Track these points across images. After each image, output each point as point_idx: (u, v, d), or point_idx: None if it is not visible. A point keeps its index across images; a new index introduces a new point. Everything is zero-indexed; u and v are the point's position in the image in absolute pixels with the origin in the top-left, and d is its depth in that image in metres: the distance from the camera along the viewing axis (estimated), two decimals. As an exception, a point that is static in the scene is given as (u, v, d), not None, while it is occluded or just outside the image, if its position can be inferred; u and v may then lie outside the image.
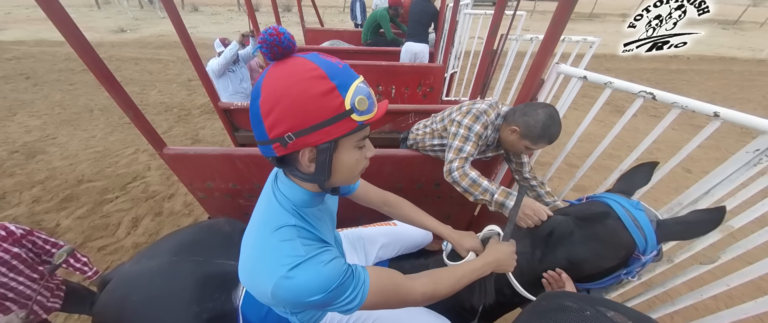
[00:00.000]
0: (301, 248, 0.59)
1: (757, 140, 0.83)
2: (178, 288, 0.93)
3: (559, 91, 1.46)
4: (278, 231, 0.60)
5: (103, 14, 10.77)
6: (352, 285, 0.61)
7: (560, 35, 1.10)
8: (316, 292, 0.57)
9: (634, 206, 0.82)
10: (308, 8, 5.42)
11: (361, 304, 0.63)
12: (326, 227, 0.74)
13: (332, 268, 0.59)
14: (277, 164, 0.61)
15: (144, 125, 1.31)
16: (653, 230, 0.79)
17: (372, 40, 4.04)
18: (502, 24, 1.65)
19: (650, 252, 0.80)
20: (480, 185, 1.12)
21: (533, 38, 2.05)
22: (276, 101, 0.52)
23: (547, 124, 1.08)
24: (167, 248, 1.05)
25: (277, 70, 0.53)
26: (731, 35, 11.38)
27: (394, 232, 1.23)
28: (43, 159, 3.14)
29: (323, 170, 0.58)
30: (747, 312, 0.86)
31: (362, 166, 0.65)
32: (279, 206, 0.64)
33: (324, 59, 0.54)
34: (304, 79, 0.51)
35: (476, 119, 1.20)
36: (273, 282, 0.56)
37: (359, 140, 0.60)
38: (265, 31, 0.52)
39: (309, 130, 0.53)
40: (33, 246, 1.21)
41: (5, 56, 6.03)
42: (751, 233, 0.84)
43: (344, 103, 0.53)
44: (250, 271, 0.63)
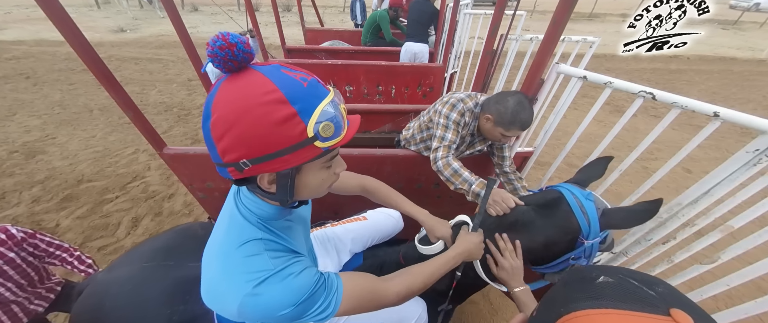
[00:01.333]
0: (269, 261, 0.56)
1: (756, 140, 0.83)
2: (148, 293, 0.93)
3: (559, 91, 1.46)
4: (243, 247, 0.56)
5: (102, 14, 10.77)
6: (324, 294, 0.59)
7: (560, 35, 1.10)
8: (286, 306, 0.54)
9: (585, 196, 0.90)
10: (308, 8, 5.42)
11: (334, 312, 0.61)
12: (298, 235, 0.71)
13: (303, 279, 0.57)
14: (236, 183, 0.57)
15: (144, 124, 1.31)
16: (597, 218, 0.86)
17: (372, 41, 4.03)
18: (502, 24, 1.65)
19: (593, 238, 0.87)
20: (461, 176, 1.19)
21: (533, 38, 2.05)
22: (228, 127, 0.46)
23: (517, 110, 1.14)
24: (139, 255, 1.04)
25: (230, 88, 0.47)
26: (731, 35, 11.37)
27: (363, 226, 1.21)
28: (42, 159, 3.14)
29: (285, 192, 0.55)
30: (747, 312, 0.86)
31: (330, 182, 0.62)
32: (243, 220, 0.59)
33: (286, 76, 0.48)
34: (260, 103, 0.45)
35: (452, 108, 1.26)
36: (239, 301, 0.52)
37: (326, 161, 0.57)
38: (213, 41, 0.46)
39: (265, 158, 0.48)
40: (35, 249, 1.19)
41: (5, 56, 6.03)
42: (751, 233, 0.84)
43: (307, 130, 0.48)
44: (213, 290, 0.58)
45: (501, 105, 1.17)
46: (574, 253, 0.90)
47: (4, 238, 1.10)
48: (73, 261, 1.29)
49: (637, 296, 0.36)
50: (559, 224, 0.90)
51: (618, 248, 1.25)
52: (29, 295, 1.19)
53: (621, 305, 0.35)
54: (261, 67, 0.49)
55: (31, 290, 1.20)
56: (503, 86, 2.28)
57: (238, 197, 0.63)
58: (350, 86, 2.93)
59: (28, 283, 1.17)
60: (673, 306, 0.34)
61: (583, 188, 0.94)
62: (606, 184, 1.26)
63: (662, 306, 0.34)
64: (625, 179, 3.03)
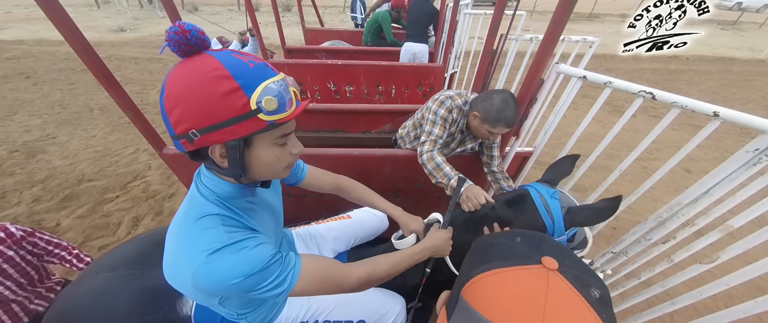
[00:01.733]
0: (224, 235, 0.58)
1: (756, 140, 0.83)
2: (111, 304, 0.89)
3: (558, 91, 1.46)
4: (200, 220, 0.60)
5: (102, 13, 10.76)
6: (279, 270, 0.62)
7: (560, 35, 1.10)
8: (237, 276, 0.56)
9: (551, 194, 0.92)
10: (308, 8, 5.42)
11: (290, 289, 0.63)
12: (262, 219, 0.74)
13: (257, 252, 0.59)
14: (191, 158, 0.60)
15: (144, 124, 1.31)
16: (562, 216, 0.88)
17: (373, 42, 4.03)
18: (502, 24, 1.65)
19: (558, 235, 0.89)
20: (442, 170, 1.22)
21: (533, 38, 2.05)
22: (178, 99, 0.52)
23: (502, 108, 1.18)
24: (104, 265, 1.01)
25: (182, 68, 0.53)
26: (731, 36, 11.37)
27: (346, 224, 1.22)
28: (43, 159, 3.14)
29: (236, 166, 0.58)
30: (747, 312, 0.86)
31: (286, 162, 0.65)
32: (202, 198, 0.63)
33: (234, 58, 0.53)
34: (206, 79, 0.51)
35: (441, 104, 1.31)
36: (192, 270, 0.55)
37: (277, 138, 0.60)
38: (170, 28, 0.51)
39: (212, 128, 0.53)
40: (34, 248, 1.18)
41: (5, 55, 6.02)
42: (751, 233, 0.84)
43: (250, 103, 0.52)
44: (171, 263, 0.61)
45: (487, 103, 1.21)
46: None
47: (3, 236, 1.09)
48: (72, 260, 1.28)
49: (516, 252, 0.43)
50: (525, 222, 0.93)
51: (618, 247, 1.25)
52: (29, 294, 1.19)
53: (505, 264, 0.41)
54: (213, 52, 0.54)
55: (31, 289, 1.19)
56: (503, 86, 2.28)
57: (199, 177, 0.67)
58: (350, 86, 2.93)
59: (28, 282, 1.17)
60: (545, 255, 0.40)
61: (551, 187, 0.97)
62: (606, 184, 1.26)
63: (536, 257, 0.40)
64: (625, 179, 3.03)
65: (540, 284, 0.38)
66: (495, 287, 0.40)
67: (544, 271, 0.39)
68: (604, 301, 0.39)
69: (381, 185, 1.49)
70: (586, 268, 0.41)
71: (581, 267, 0.41)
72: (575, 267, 0.40)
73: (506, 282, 0.40)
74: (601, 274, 1.36)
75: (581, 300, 0.37)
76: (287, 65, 2.81)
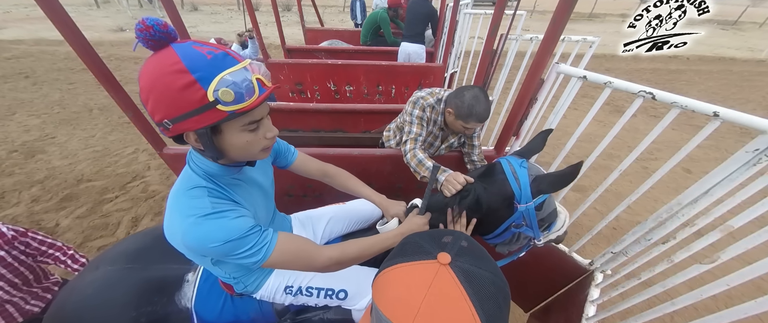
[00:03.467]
0: (208, 204, 0.66)
1: (756, 140, 0.83)
2: (110, 296, 0.92)
3: (558, 91, 1.46)
4: (190, 191, 0.68)
5: (102, 13, 10.75)
6: (255, 241, 0.69)
7: (560, 35, 1.10)
8: (216, 240, 0.64)
9: (519, 164, 0.98)
10: (308, 8, 5.42)
11: (265, 259, 0.71)
12: (249, 194, 0.80)
13: (236, 224, 0.67)
14: (175, 141, 0.66)
15: (144, 124, 1.31)
16: (529, 183, 0.93)
17: (371, 41, 4.03)
18: (502, 24, 1.65)
19: (525, 202, 0.93)
20: (424, 165, 1.27)
21: (533, 38, 2.05)
22: (148, 93, 0.57)
23: (472, 104, 1.22)
24: (106, 258, 1.03)
25: (149, 62, 0.57)
26: (731, 35, 11.38)
27: (341, 209, 1.28)
28: (42, 159, 3.13)
29: (211, 149, 0.63)
30: (747, 312, 0.86)
31: (260, 146, 0.69)
32: (192, 173, 0.71)
33: (192, 50, 0.56)
34: (166, 73, 0.54)
35: (414, 105, 1.38)
36: (182, 230, 0.64)
37: (245, 125, 0.64)
38: (136, 24, 0.55)
39: (179, 119, 0.57)
40: (26, 248, 1.17)
41: (4, 55, 6.01)
42: (751, 233, 0.84)
43: (207, 95, 0.55)
44: (168, 225, 0.69)
45: (458, 99, 1.25)
46: (513, 219, 0.98)
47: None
48: (67, 260, 1.27)
49: (420, 249, 0.46)
50: (496, 191, 0.98)
51: (618, 247, 1.25)
52: (24, 295, 1.17)
53: (405, 259, 0.44)
54: (175, 45, 0.57)
55: (27, 289, 1.18)
56: (503, 86, 2.28)
57: (191, 156, 0.73)
58: (350, 86, 2.93)
59: (23, 282, 1.16)
60: (444, 251, 0.43)
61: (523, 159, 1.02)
62: (606, 184, 1.26)
63: (434, 252, 0.43)
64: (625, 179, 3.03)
65: (427, 276, 0.41)
66: (391, 281, 0.44)
67: (435, 265, 0.42)
68: (489, 296, 0.41)
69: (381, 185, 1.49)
70: (485, 265, 0.44)
71: (479, 264, 0.44)
72: (472, 263, 0.43)
73: (401, 276, 0.43)
74: (601, 275, 1.36)
75: (461, 293, 0.40)
76: (287, 65, 2.81)
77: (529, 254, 1.66)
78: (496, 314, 0.42)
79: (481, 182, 1.02)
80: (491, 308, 0.41)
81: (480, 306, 0.40)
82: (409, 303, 0.40)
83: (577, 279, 1.48)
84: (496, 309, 0.42)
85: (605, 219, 1.29)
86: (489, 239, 1.10)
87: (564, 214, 1.08)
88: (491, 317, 0.41)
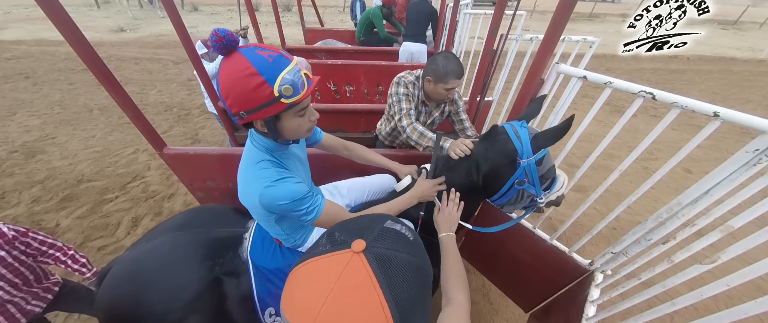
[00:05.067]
0: (274, 173, 0.85)
1: (756, 140, 0.83)
2: (188, 251, 1.04)
3: (558, 91, 1.46)
4: (258, 164, 0.86)
5: (102, 14, 10.76)
6: (310, 202, 0.88)
7: (560, 35, 1.10)
8: (285, 198, 0.83)
9: (520, 124, 1.07)
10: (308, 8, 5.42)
11: (315, 217, 0.90)
12: (295, 166, 0.98)
13: (298, 187, 0.85)
14: (244, 127, 0.84)
15: (144, 124, 1.31)
16: (529, 140, 1.02)
17: (365, 37, 4.06)
18: (502, 24, 1.65)
19: (527, 157, 1.02)
20: (426, 136, 1.38)
21: (533, 38, 2.05)
22: (227, 92, 0.72)
23: (445, 63, 1.34)
24: (163, 229, 1.14)
25: (225, 66, 0.72)
26: (731, 35, 11.38)
27: (361, 181, 1.48)
28: (42, 159, 3.14)
29: (273, 132, 0.82)
30: (747, 312, 0.86)
31: (307, 127, 0.86)
32: (256, 149, 0.89)
33: (257, 55, 0.70)
34: (241, 77, 0.69)
35: (397, 85, 1.48)
36: (259, 192, 0.83)
37: (298, 111, 0.80)
38: (211, 36, 0.69)
39: (252, 111, 0.74)
40: (27, 248, 1.17)
41: (4, 56, 6.02)
42: (751, 233, 0.84)
43: (273, 92, 0.71)
44: (244, 190, 0.89)
45: (433, 65, 1.37)
46: (516, 176, 1.06)
47: None
48: (67, 260, 1.27)
49: (332, 239, 0.44)
50: (499, 149, 1.06)
51: (618, 247, 1.25)
52: (25, 295, 1.18)
53: (316, 253, 0.42)
54: (242, 50, 0.71)
55: (28, 289, 1.19)
56: (503, 86, 2.28)
57: (252, 136, 0.91)
58: (350, 86, 2.93)
59: (23, 282, 1.16)
60: (359, 238, 0.41)
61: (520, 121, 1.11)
62: (606, 184, 1.26)
63: (348, 241, 0.41)
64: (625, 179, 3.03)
65: (336, 269, 0.39)
66: (296, 282, 0.41)
67: (348, 255, 0.40)
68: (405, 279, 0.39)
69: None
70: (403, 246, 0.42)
71: (396, 246, 0.42)
72: (388, 246, 0.41)
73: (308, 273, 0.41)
74: (601, 275, 1.36)
75: (371, 281, 0.37)
76: (287, 65, 2.80)
77: (529, 254, 1.67)
78: (413, 296, 0.40)
79: (483, 144, 1.12)
80: (405, 291, 0.39)
81: (390, 291, 0.38)
82: (310, 305, 0.37)
83: (577, 279, 1.47)
84: (413, 291, 0.40)
85: (605, 219, 1.29)
86: (495, 201, 1.18)
87: (563, 177, 1.18)
88: (404, 301, 0.38)
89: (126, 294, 0.96)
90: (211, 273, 1.01)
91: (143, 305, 0.94)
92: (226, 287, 1.03)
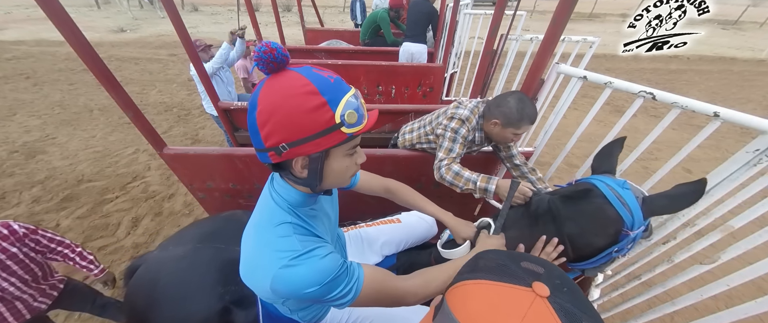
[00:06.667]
0: (297, 243, 0.62)
1: (756, 140, 0.83)
2: (203, 271, 1.01)
3: (559, 91, 1.46)
4: (276, 228, 0.64)
5: (102, 14, 10.77)
6: (346, 280, 0.64)
7: (560, 35, 1.10)
8: (313, 284, 0.60)
9: (620, 185, 0.85)
10: (308, 8, 5.42)
11: (354, 299, 0.65)
12: (322, 224, 0.77)
13: (328, 262, 0.62)
14: (273, 169, 0.66)
15: (144, 125, 1.31)
16: (639, 207, 0.82)
17: (370, 40, 4.02)
18: (502, 24, 1.65)
19: (638, 228, 0.83)
20: (463, 176, 1.22)
21: (533, 38, 2.05)
22: (271, 114, 0.55)
23: (521, 107, 1.17)
24: (191, 236, 1.12)
25: (272, 83, 0.56)
26: (731, 35, 11.38)
27: (397, 229, 1.24)
28: (42, 159, 3.14)
29: (315, 176, 0.62)
30: (747, 312, 0.86)
31: (353, 171, 0.68)
32: (276, 206, 0.67)
33: (316, 74, 0.56)
34: (297, 94, 0.54)
35: (462, 124, 1.29)
36: (272, 275, 0.59)
37: (350, 149, 0.64)
38: (259, 47, 0.55)
39: (301, 141, 0.56)
40: (36, 245, 1.20)
41: (5, 56, 6.03)
42: (751, 233, 0.84)
43: (334, 117, 0.56)
44: (249, 266, 0.66)
45: (504, 107, 1.20)
46: (618, 246, 0.86)
47: (6, 233, 1.12)
48: (75, 257, 1.29)
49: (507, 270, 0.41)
50: (597, 217, 0.85)
51: (618, 248, 1.25)
52: (33, 292, 1.20)
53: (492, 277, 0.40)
54: (296, 68, 0.58)
55: (36, 286, 1.21)
56: (503, 85, 2.28)
57: (272, 185, 0.71)
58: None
59: (32, 279, 1.18)
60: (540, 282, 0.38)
61: (614, 177, 0.90)
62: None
63: (528, 280, 0.39)
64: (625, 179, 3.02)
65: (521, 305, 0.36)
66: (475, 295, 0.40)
67: (531, 295, 0.37)
68: None
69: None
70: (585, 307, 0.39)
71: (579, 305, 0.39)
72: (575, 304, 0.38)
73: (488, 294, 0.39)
74: (601, 275, 1.36)
75: None
76: (287, 65, 2.80)
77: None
78: None
79: (570, 207, 0.90)
80: None
81: None
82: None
83: (577, 279, 1.48)
84: None
85: (605, 219, 1.29)
86: (578, 266, 0.96)
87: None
88: None
89: (143, 302, 1.00)
90: (220, 303, 0.96)
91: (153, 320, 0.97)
92: (233, 317, 0.98)
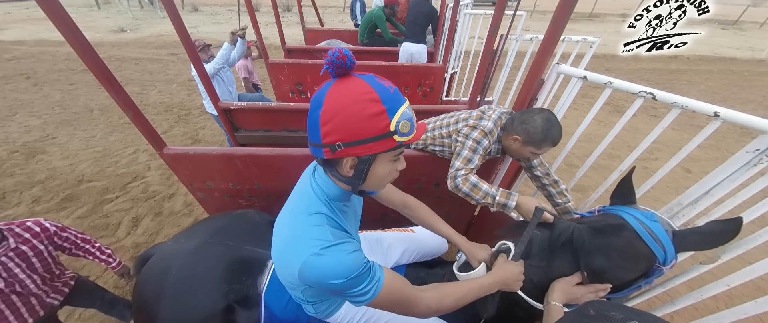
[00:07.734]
0: (329, 234, 0.67)
1: (757, 140, 0.83)
2: (211, 267, 1.02)
3: (559, 91, 1.46)
4: (312, 216, 0.69)
5: (103, 14, 10.77)
6: (368, 279, 0.68)
7: (560, 35, 1.10)
8: (339, 276, 0.63)
9: (649, 217, 0.82)
10: (308, 8, 5.42)
11: (372, 299, 0.68)
12: (350, 222, 0.81)
13: (354, 258, 0.66)
14: (322, 164, 0.70)
15: (144, 125, 1.31)
16: (671, 242, 0.79)
17: (368, 40, 4.01)
18: (502, 24, 1.65)
19: (671, 262, 0.80)
20: (480, 189, 1.17)
21: (533, 38, 2.05)
22: (334, 114, 0.59)
23: (547, 128, 1.12)
24: (203, 230, 1.14)
25: (339, 87, 0.61)
26: (731, 35, 11.38)
27: (411, 238, 1.26)
28: (43, 159, 3.14)
29: (359, 177, 0.67)
30: (747, 312, 0.86)
31: (392, 177, 0.73)
32: (314, 195, 0.72)
33: (379, 83, 0.61)
34: (360, 99, 0.59)
35: (485, 136, 1.23)
36: (302, 260, 0.64)
37: (395, 155, 0.68)
38: (332, 52, 0.59)
39: (356, 143, 0.61)
40: (64, 242, 1.25)
41: (5, 56, 6.03)
42: (751, 233, 0.84)
43: (390, 125, 0.60)
44: (282, 249, 0.71)
45: (529, 125, 1.14)
46: (647, 280, 0.84)
47: (37, 231, 1.15)
48: (96, 252, 1.34)
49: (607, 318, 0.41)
50: (628, 253, 0.81)
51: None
52: (48, 288, 1.23)
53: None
54: (360, 75, 0.63)
55: (51, 283, 1.24)
56: (503, 86, 2.28)
57: (313, 176, 0.76)
58: (350, 86, 2.93)
59: (50, 277, 1.22)
60: None
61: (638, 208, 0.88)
62: (606, 184, 1.26)
63: None
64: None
65: None
66: None
67: None
68: None
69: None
70: None
71: None
72: None
73: None
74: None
75: None
76: (287, 65, 2.81)
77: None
78: None
79: (599, 240, 0.85)
80: None
81: None
82: None
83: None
84: None
85: (605, 219, 1.29)
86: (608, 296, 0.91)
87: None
88: None
89: (152, 291, 1.03)
90: (224, 300, 0.98)
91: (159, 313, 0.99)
92: (236, 316, 1.00)
